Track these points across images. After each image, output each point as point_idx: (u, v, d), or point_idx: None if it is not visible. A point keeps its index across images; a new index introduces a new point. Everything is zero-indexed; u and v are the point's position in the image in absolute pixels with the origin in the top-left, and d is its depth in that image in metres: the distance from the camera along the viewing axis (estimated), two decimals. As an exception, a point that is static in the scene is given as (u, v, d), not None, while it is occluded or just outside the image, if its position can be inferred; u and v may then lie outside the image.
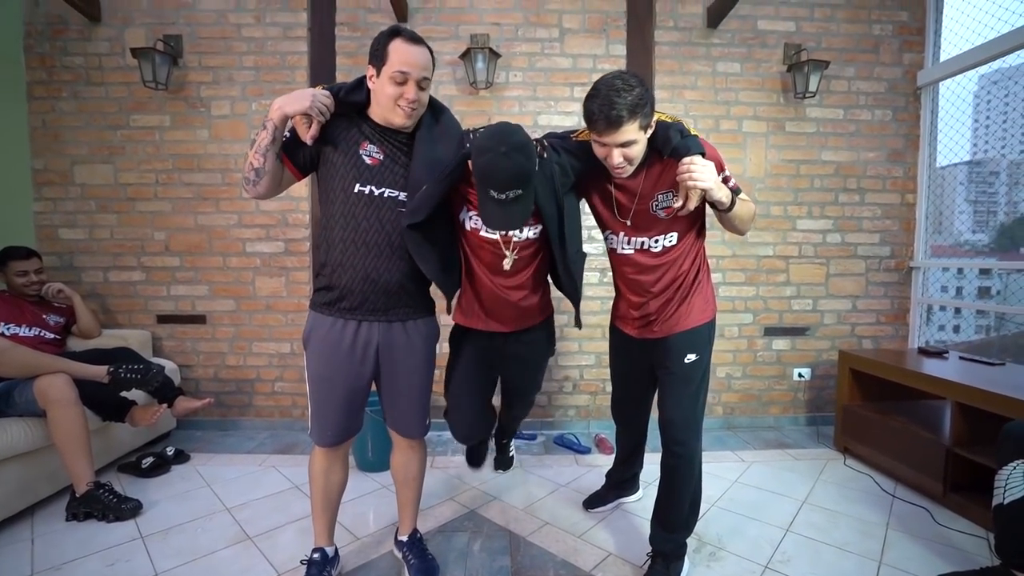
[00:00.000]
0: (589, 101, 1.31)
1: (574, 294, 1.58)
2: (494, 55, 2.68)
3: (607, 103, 1.26)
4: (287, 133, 1.34)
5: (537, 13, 2.83)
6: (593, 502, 2.05)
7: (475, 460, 1.99)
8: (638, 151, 1.35)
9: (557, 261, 1.46)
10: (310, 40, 2.79)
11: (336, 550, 1.61)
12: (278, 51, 2.79)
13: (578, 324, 1.72)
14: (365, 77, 1.36)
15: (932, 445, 2.09)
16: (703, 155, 1.31)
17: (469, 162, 1.30)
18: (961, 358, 2.43)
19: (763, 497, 2.15)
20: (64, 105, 2.80)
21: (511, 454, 2.16)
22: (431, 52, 1.34)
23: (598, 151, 1.38)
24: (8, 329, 2.18)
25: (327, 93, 1.32)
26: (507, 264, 1.43)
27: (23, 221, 2.79)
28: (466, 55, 2.66)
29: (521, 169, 1.20)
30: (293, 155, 1.35)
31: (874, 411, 2.45)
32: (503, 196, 1.21)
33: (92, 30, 2.77)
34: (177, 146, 2.82)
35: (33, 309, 2.33)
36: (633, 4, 2.84)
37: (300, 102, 1.26)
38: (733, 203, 1.36)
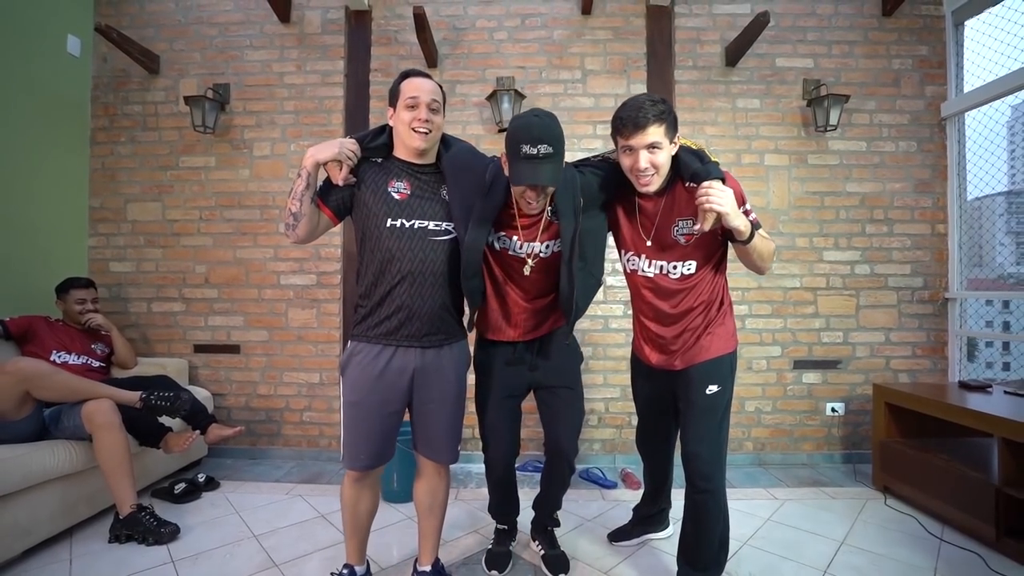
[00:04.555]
0: (618, 111, 1.42)
1: (569, 306, 1.51)
2: (519, 96, 2.80)
3: (634, 108, 1.37)
4: (321, 182, 1.48)
5: (560, 57, 2.97)
6: (618, 536, 2.00)
7: (497, 563, 1.80)
8: (664, 159, 1.40)
9: (562, 265, 1.48)
10: (346, 86, 3.00)
11: (368, 568, 1.66)
12: (316, 96, 2.98)
13: (567, 338, 1.63)
14: (386, 124, 1.52)
15: (980, 485, 1.98)
16: (723, 181, 1.35)
17: (502, 159, 1.44)
18: (1006, 392, 2.33)
19: (798, 536, 2.06)
20: (122, 149, 3.03)
21: (562, 550, 1.85)
22: (440, 87, 1.50)
23: (625, 161, 1.43)
24: (59, 357, 2.31)
25: (353, 140, 1.46)
26: (527, 270, 1.54)
27: (78, 255, 2.99)
28: (492, 97, 2.79)
29: (551, 128, 1.33)
30: (328, 200, 1.48)
31: (914, 448, 2.34)
32: (535, 151, 1.30)
33: (151, 81, 3.03)
34: (220, 184, 3.01)
35: (82, 338, 2.47)
36: (653, 46, 2.98)
37: (330, 149, 1.41)
38: (752, 236, 1.36)
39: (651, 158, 1.38)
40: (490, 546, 1.88)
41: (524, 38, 2.97)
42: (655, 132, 1.36)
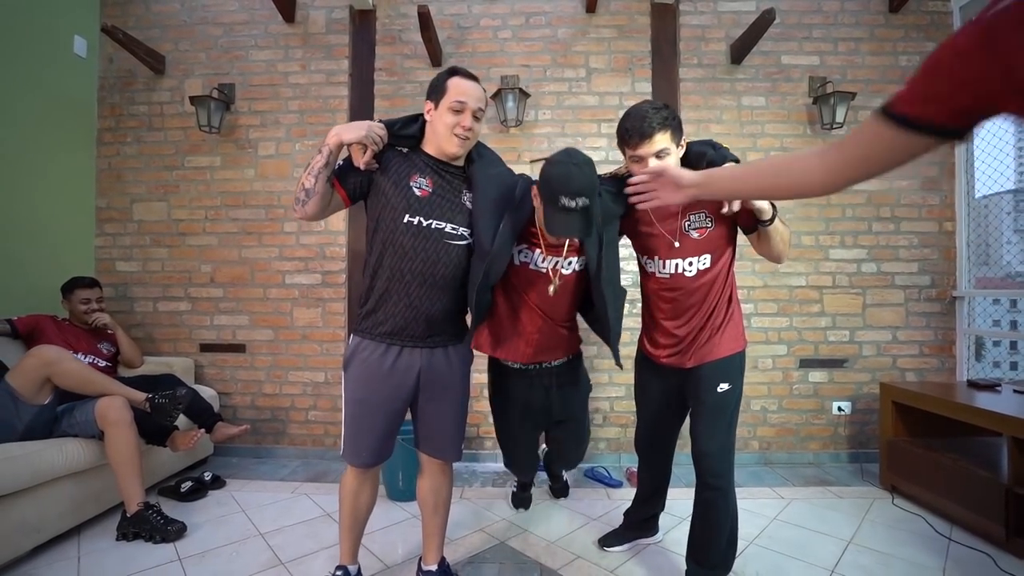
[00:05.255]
0: (622, 122, 1.43)
1: (607, 327, 1.59)
2: (524, 95, 2.80)
3: (638, 118, 1.39)
4: (340, 161, 1.42)
5: (564, 55, 2.96)
6: (609, 541, 1.96)
7: (522, 503, 2.27)
8: (673, 164, 1.40)
9: (592, 287, 1.53)
10: (351, 85, 3.00)
11: (359, 569, 1.64)
12: (321, 96, 2.98)
13: (618, 363, 1.66)
14: (419, 114, 1.47)
15: (989, 484, 1.97)
16: (737, 163, 1.38)
17: (533, 191, 1.44)
18: (1016, 391, 2.31)
19: (805, 536, 2.05)
20: (128, 149, 3.05)
21: (565, 480, 2.40)
22: (484, 90, 1.46)
23: (635, 169, 1.44)
24: (66, 355, 2.32)
25: (382, 125, 1.40)
26: (552, 290, 1.54)
27: (85, 254, 3.01)
28: (497, 95, 2.79)
29: (590, 180, 1.32)
30: (345, 181, 1.42)
31: (921, 447, 2.33)
32: (573, 203, 1.30)
33: (157, 81, 3.04)
34: (225, 184, 3.02)
35: (89, 337, 2.48)
36: (657, 44, 2.97)
37: (357, 131, 1.35)
38: (775, 216, 1.38)
39: (660, 163, 1.38)
40: (514, 490, 2.25)
41: (528, 36, 2.97)
42: (662, 139, 1.38)
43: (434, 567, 1.64)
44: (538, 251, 1.54)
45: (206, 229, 3.02)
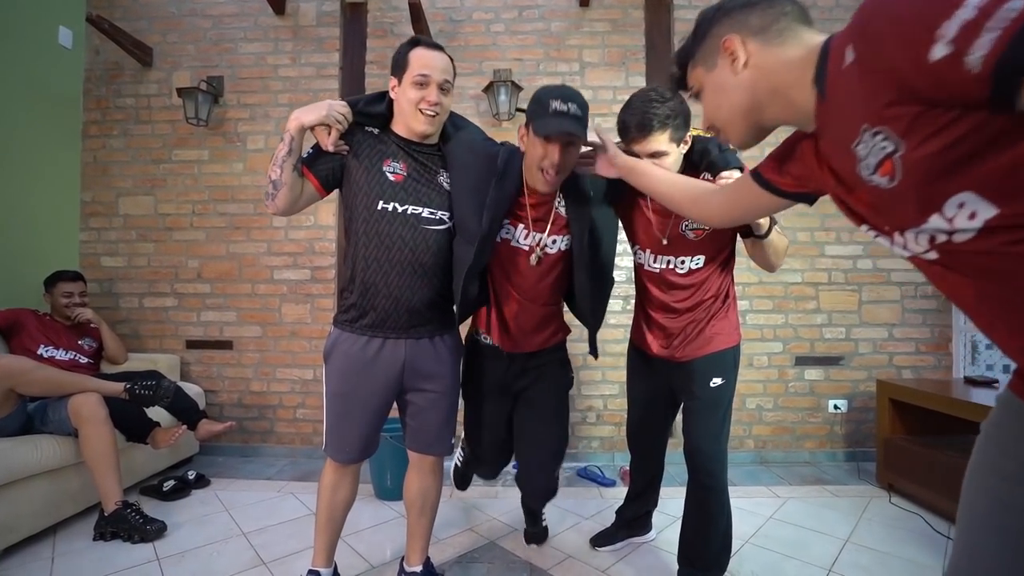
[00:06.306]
0: (622, 112, 1.36)
1: (591, 315, 1.54)
2: (516, 88, 2.76)
3: (639, 112, 1.30)
4: (311, 149, 1.35)
5: (558, 49, 2.93)
6: (600, 540, 1.91)
7: (464, 482, 1.96)
8: (670, 164, 1.34)
9: (576, 270, 1.44)
10: (341, 78, 2.96)
11: (335, 571, 1.57)
12: (311, 88, 2.94)
13: (593, 352, 1.62)
14: (386, 91, 1.38)
15: (987, 481, 1.93)
16: (741, 170, 1.29)
17: (521, 131, 1.38)
18: (1012, 388, 2.28)
19: (801, 535, 2.01)
20: (114, 142, 2.99)
21: (544, 524, 1.98)
22: (451, 60, 1.36)
23: None
24: (47, 351, 2.27)
25: (343, 103, 1.33)
26: (533, 260, 1.43)
27: (70, 249, 2.95)
28: (489, 88, 2.76)
29: (581, 96, 1.28)
30: (315, 168, 1.34)
31: (919, 445, 2.29)
32: (565, 107, 1.24)
33: (144, 74, 2.99)
34: (213, 178, 2.96)
35: (70, 333, 2.42)
36: (651, 38, 2.94)
37: (317, 111, 1.27)
38: (771, 229, 1.31)
39: (656, 163, 1.31)
40: (458, 463, 1.91)
41: (521, 30, 2.94)
42: (658, 140, 1.31)
43: (418, 568, 1.59)
44: (520, 226, 1.43)
45: (193, 224, 2.97)
